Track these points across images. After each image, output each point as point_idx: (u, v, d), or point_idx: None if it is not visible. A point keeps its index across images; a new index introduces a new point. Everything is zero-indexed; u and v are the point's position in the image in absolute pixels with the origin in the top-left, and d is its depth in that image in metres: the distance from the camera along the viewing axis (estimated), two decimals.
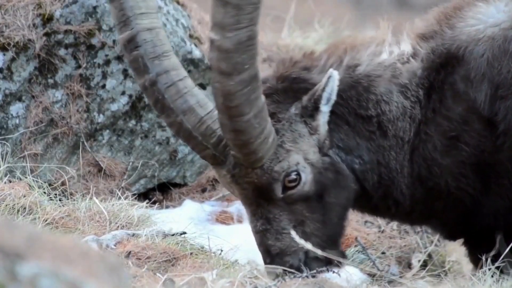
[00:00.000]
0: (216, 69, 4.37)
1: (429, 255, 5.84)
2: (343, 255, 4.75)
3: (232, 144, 4.52)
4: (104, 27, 5.99)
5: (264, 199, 4.63)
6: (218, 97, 4.43)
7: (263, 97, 4.46)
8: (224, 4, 4.23)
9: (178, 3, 6.37)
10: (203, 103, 4.61)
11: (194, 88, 4.61)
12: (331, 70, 4.60)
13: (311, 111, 4.63)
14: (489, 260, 4.62)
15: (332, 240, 4.73)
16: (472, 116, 4.61)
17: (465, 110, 4.62)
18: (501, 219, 4.70)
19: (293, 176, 4.61)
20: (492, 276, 4.55)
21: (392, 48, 4.77)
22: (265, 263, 4.68)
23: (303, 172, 4.62)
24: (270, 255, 4.63)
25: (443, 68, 4.66)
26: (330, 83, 4.59)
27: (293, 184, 4.61)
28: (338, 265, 4.71)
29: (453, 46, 4.67)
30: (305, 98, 4.64)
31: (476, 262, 4.82)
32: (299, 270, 4.65)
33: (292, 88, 4.68)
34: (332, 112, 4.67)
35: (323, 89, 4.59)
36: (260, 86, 4.43)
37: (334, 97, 4.62)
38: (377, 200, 4.77)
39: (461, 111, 4.62)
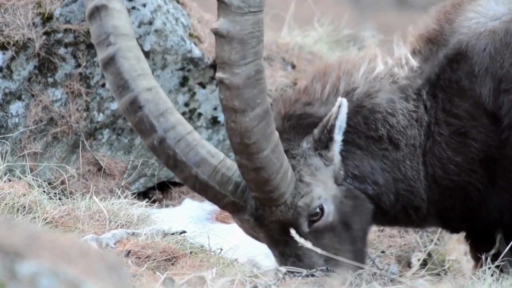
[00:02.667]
0: (230, 108, 4.38)
1: (429, 254, 5.84)
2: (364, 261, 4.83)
3: (254, 184, 4.53)
4: None
5: (291, 237, 4.61)
6: (234, 137, 4.44)
7: (276, 132, 4.47)
8: (229, 41, 4.26)
9: (177, 2, 6.36)
10: (213, 152, 4.61)
11: (202, 140, 4.61)
12: (340, 98, 4.59)
13: (326, 142, 4.64)
14: (489, 259, 4.61)
15: (359, 257, 4.77)
16: (479, 111, 4.61)
17: (471, 106, 4.62)
18: (507, 214, 4.71)
19: (317, 210, 4.62)
20: (492, 275, 4.55)
21: (386, 59, 4.76)
22: None
23: (325, 204, 4.64)
24: None
25: (448, 65, 4.65)
26: (342, 111, 4.59)
27: (317, 217, 4.62)
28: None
29: (453, 39, 4.66)
30: (316, 131, 4.65)
31: (478, 258, 4.83)
32: None
33: (300, 124, 4.70)
34: (342, 141, 4.69)
35: (336, 118, 4.60)
36: (273, 120, 4.45)
37: (344, 125, 4.62)
38: (395, 213, 4.78)
39: (468, 107, 4.62)
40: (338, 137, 4.64)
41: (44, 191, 5.61)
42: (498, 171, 4.66)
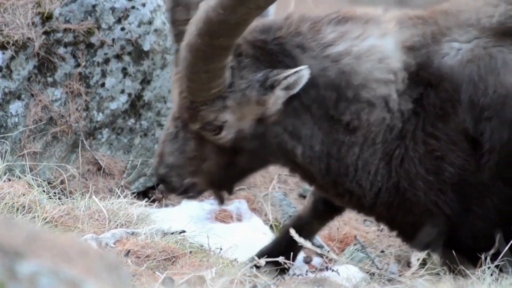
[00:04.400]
0: (194, 23, 4.35)
1: (428, 254, 5.83)
2: (231, 193, 4.82)
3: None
4: (104, 25, 5.99)
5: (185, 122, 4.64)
6: (184, 43, 4.42)
7: (223, 63, 4.40)
8: (207, 21, 4.27)
9: None
10: None
11: None
12: (303, 67, 4.48)
13: (267, 87, 4.52)
14: (488, 258, 4.61)
15: (222, 184, 4.76)
16: (460, 136, 4.55)
17: (453, 130, 4.54)
18: (482, 241, 4.65)
19: (214, 127, 4.57)
20: (491, 275, 4.56)
21: (387, 59, 4.58)
22: (154, 162, 4.72)
23: (226, 129, 4.57)
24: (161, 159, 4.66)
25: (434, 91, 4.56)
26: (293, 78, 4.48)
27: (210, 131, 4.58)
28: (221, 202, 4.80)
29: (438, 62, 4.56)
30: (272, 72, 4.52)
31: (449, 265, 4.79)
32: (174, 190, 4.71)
33: (277, 57, 4.56)
34: (297, 97, 4.56)
35: (285, 78, 4.49)
36: (225, 56, 4.39)
37: (296, 90, 4.49)
38: (324, 183, 4.71)
39: (449, 131, 4.54)
40: (280, 92, 4.52)
41: (44, 191, 5.61)
42: (473, 197, 4.59)
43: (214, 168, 4.67)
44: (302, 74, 4.48)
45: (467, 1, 4.71)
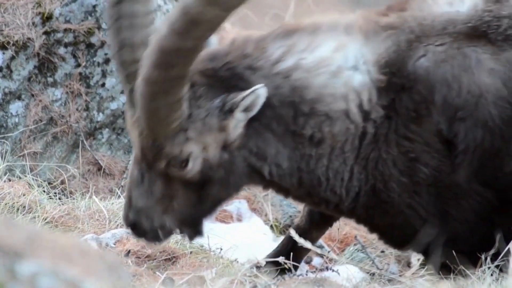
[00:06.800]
0: (148, 56, 4.25)
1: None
2: (201, 234, 4.67)
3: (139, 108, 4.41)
4: (104, 25, 6.00)
5: (148, 163, 4.50)
6: (140, 78, 4.31)
7: (181, 94, 4.32)
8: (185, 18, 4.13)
9: (177, 1, 6.37)
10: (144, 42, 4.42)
11: (148, 28, 4.43)
12: (259, 86, 4.43)
13: (226, 111, 4.46)
14: (488, 258, 4.61)
15: (194, 220, 4.62)
16: (434, 138, 4.52)
17: (427, 132, 4.49)
18: (462, 243, 4.64)
19: (179, 162, 4.46)
20: (491, 275, 4.55)
21: (343, 73, 4.51)
22: (124, 209, 4.56)
23: (191, 162, 4.46)
24: (130, 205, 4.50)
25: (405, 93, 4.51)
26: (250, 98, 4.43)
27: (176, 167, 4.47)
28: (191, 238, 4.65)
29: (412, 65, 4.51)
30: (229, 96, 4.46)
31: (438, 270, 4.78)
32: (144, 234, 4.53)
33: (230, 82, 4.49)
34: (256, 119, 4.49)
35: (243, 99, 4.42)
36: (181, 86, 4.30)
37: (255, 111, 4.44)
38: (299, 194, 4.67)
39: (423, 133, 4.49)
40: (239, 115, 4.45)
41: (44, 191, 5.62)
42: (450, 198, 4.56)
43: (185, 205, 4.54)
44: (259, 93, 4.42)
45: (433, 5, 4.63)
